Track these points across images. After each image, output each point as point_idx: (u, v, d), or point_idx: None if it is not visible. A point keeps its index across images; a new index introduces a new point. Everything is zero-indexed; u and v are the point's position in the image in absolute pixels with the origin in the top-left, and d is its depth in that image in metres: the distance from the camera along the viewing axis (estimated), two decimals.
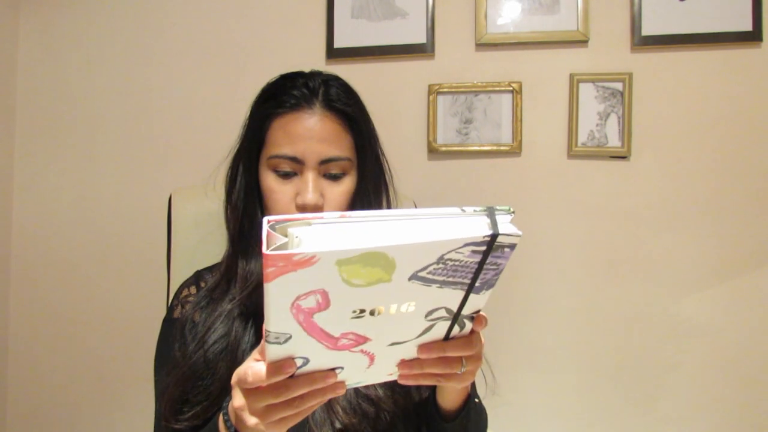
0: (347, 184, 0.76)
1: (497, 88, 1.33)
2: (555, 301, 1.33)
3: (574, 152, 1.31)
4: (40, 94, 1.50)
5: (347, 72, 1.36)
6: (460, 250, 0.43)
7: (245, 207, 0.79)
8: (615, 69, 1.30)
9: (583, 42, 1.31)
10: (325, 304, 0.43)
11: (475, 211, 0.43)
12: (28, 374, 1.50)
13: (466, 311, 0.51)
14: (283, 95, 0.76)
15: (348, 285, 0.42)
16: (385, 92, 1.37)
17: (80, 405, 1.49)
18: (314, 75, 0.80)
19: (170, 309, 0.84)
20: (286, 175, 0.75)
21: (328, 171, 0.75)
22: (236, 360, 0.73)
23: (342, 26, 1.38)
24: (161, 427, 0.75)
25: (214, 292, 0.79)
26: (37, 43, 1.51)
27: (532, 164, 1.34)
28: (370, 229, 0.40)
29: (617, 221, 1.31)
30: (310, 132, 0.73)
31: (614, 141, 1.30)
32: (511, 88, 1.33)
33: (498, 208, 0.44)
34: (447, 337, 0.54)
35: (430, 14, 1.35)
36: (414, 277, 0.43)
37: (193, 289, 0.83)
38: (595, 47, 1.31)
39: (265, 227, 0.39)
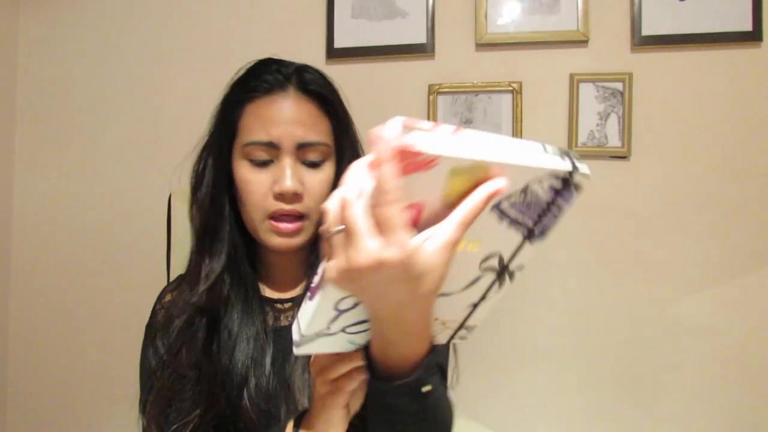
0: (327, 171, 0.72)
1: (497, 88, 1.33)
2: (554, 301, 1.33)
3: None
4: (40, 94, 1.50)
5: (347, 72, 1.37)
6: (543, 183, 0.45)
7: (212, 201, 0.74)
8: (615, 69, 1.30)
9: (583, 42, 1.31)
10: (416, 220, 0.42)
11: (554, 151, 0.45)
12: (28, 374, 1.51)
13: (513, 265, 0.52)
14: (255, 80, 0.73)
15: (443, 203, 0.42)
16: (385, 92, 1.37)
17: (80, 405, 1.49)
18: (287, 62, 0.77)
19: (152, 314, 0.81)
20: (262, 164, 0.70)
21: (306, 158, 0.70)
22: (194, 357, 0.70)
23: (342, 26, 1.38)
24: None
25: (183, 294, 0.75)
26: (37, 43, 1.51)
27: None
28: (481, 144, 0.41)
29: (617, 221, 1.31)
30: (285, 115, 0.70)
31: (614, 141, 1.30)
32: (511, 88, 1.33)
33: (573, 150, 0.46)
34: (483, 297, 0.53)
35: (430, 14, 1.35)
36: (496, 206, 0.44)
37: (176, 294, 0.82)
38: (595, 47, 1.31)
39: (399, 121, 0.39)
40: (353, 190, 0.41)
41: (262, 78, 0.73)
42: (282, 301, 0.78)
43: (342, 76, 0.84)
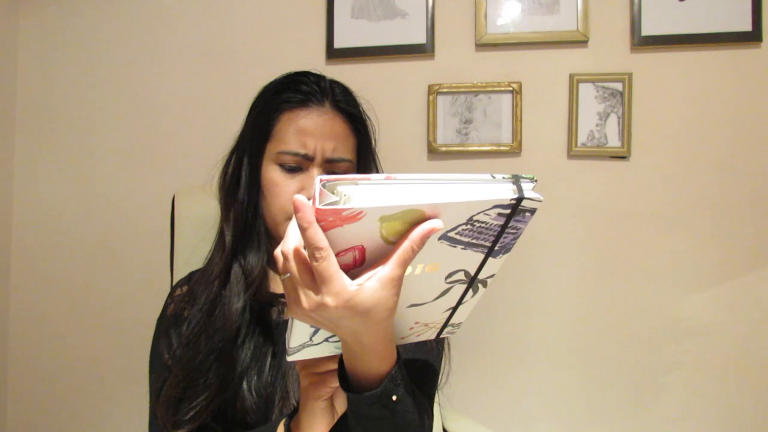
0: None
1: (497, 88, 1.34)
2: (555, 301, 1.33)
3: (574, 152, 1.31)
4: (40, 94, 1.50)
5: (347, 72, 1.37)
6: (488, 212, 0.46)
7: (249, 200, 0.78)
8: (615, 69, 1.30)
9: (583, 42, 1.31)
10: (360, 260, 0.46)
11: (503, 177, 0.47)
12: (28, 374, 1.51)
13: (482, 275, 0.54)
14: (292, 91, 0.76)
15: (385, 242, 0.45)
16: (385, 92, 1.37)
17: (80, 405, 1.49)
18: (322, 76, 0.80)
19: (164, 307, 0.84)
20: (291, 170, 0.75)
21: (332, 170, 0.76)
22: (238, 357, 0.73)
23: (342, 26, 1.38)
24: (157, 428, 0.74)
25: (206, 291, 0.78)
26: (37, 43, 1.51)
27: (532, 164, 1.34)
28: (411, 189, 0.44)
29: (617, 221, 1.31)
30: (320, 129, 0.74)
31: (614, 141, 1.30)
32: (511, 88, 1.33)
33: (523, 176, 0.47)
34: (460, 302, 0.57)
35: (430, 14, 1.35)
36: (444, 237, 0.47)
37: (185, 288, 0.83)
38: (595, 47, 1.31)
39: (318, 185, 0.42)
40: (294, 242, 0.46)
41: (300, 89, 0.76)
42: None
43: (342, 76, 0.85)
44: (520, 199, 0.46)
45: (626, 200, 1.31)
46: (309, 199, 0.70)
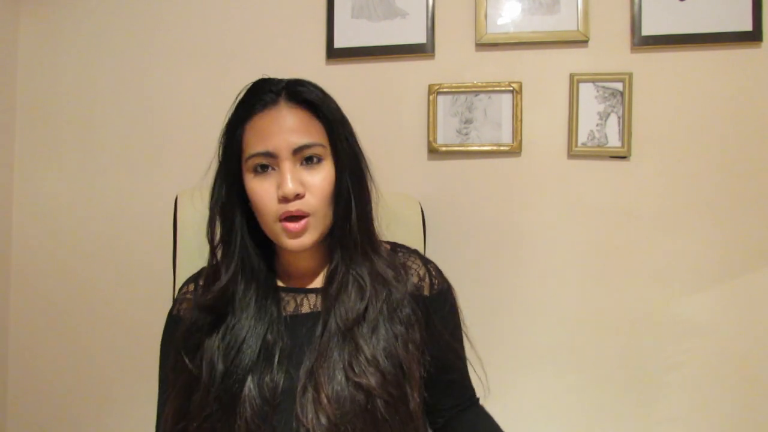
0: (326, 169, 0.77)
1: (497, 88, 1.34)
2: (554, 301, 1.33)
3: (574, 152, 1.31)
4: (40, 94, 1.50)
5: (347, 72, 1.38)
6: None
7: (223, 214, 0.81)
8: (615, 69, 1.30)
9: (583, 42, 1.31)
10: None
11: None
12: (28, 374, 1.50)
13: None
14: (251, 100, 0.78)
15: None
16: (385, 92, 1.37)
17: (81, 406, 1.49)
18: (278, 79, 0.81)
19: (173, 304, 0.87)
20: (264, 171, 0.76)
21: (303, 157, 0.76)
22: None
23: (342, 26, 1.38)
24: None
25: (196, 296, 0.81)
26: (37, 43, 1.51)
27: (532, 164, 1.34)
28: None
29: (617, 221, 1.31)
30: (277, 125, 0.75)
31: (614, 141, 1.30)
32: (511, 88, 1.33)
33: None
34: None
35: (430, 14, 1.35)
36: None
37: (191, 287, 0.85)
38: (595, 47, 1.31)
39: None
40: None
41: (258, 97, 0.78)
42: (302, 291, 0.83)
43: (342, 76, 0.85)
44: None
45: (626, 200, 1.31)
46: (284, 194, 0.73)
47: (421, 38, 1.36)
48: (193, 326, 0.78)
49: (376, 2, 1.37)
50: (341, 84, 0.81)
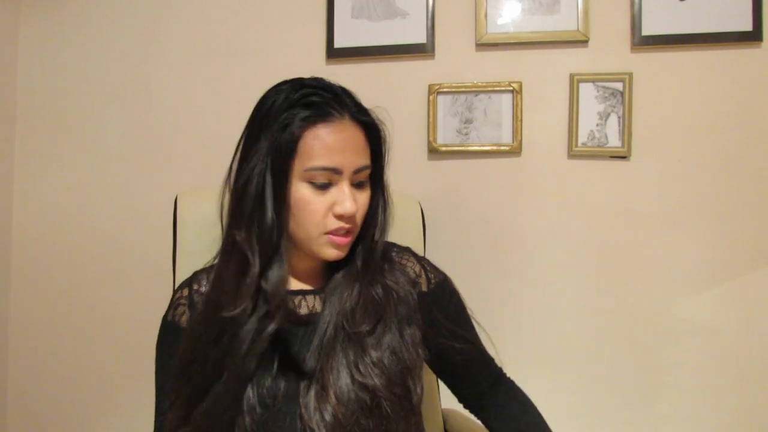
0: (368, 190, 0.80)
1: (497, 88, 1.33)
2: (554, 301, 1.33)
3: (574, 152, 1.31)
4: (40, 94, 1.50)
5: (347, 72, 1.38)
6: None
7: (278, 220, 0.75)
8: (615, 69, 1.30)
9: (583, 42, 1.31)
10: None
11: None
12: (28, 374, 1.50)
13: None
14: (310, 104, 0.74)
15: None
16: (385, 92, 1.37)
17: (81, 406, 1.49)
18: (331, 84, 0.79)
19: (167, 309, 0.84)
20: (323, 187, 0.75)
21: (358, 180, 0.77)
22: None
23: (342, 26, 1.38)
24: None
25: (219, 306, 0.75)
26: (37, 43, 1.51)
27: (532, 164, 1.34)
28: None
29: (617, 221, 1.31)
30: (346, 143, 0.75)
31: (614, 141, 1.30)
32: (511, 88, 1.33)
33: None
34: None
35: (430, 14, 1.35)
36: None
37: (185, 291, 0.83)
38: (595, 47, 1.31)
39: None
40: None
41: (317, 102, 0.75)
42: (299, 293, 0.82)
43: (342, 76, 0.84)
44: None
45: (626, 200, 1.31)
46: (345, 213, 0.74)
47: (421, 38, 1.36)
48: (196, 334, 0.75)
49: (376, 2, 1.37)
50: (341, 84, 0.80)
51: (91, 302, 1.48)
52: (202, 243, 0.96)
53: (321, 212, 0.75)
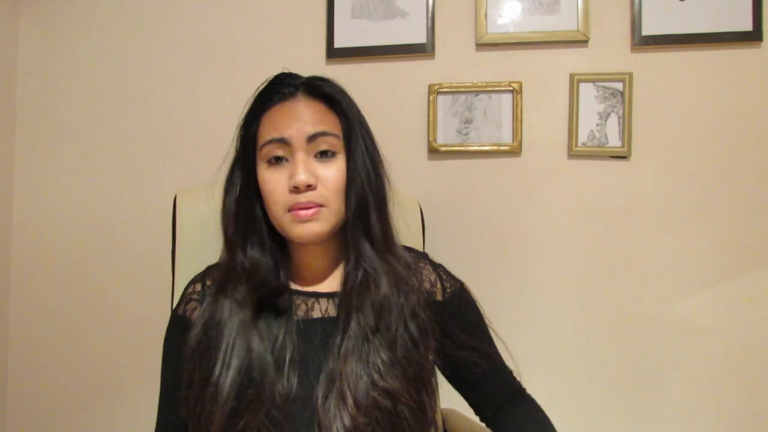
0: (339, 163, 0.76)
1: (497, 88, 1.33)
2: (555, 301, 1.33)
3: (574, 152, 1.31)
4: (40, 94, 1.50)
5: (347, 72, 1.37)
6: None
7: (241, 202, 0.79)
8: (615, 69, 1.30)
9: (583, 42, 1.31)
10: None
11: None
12: (28, 374, 1.50)
13: None
14: (269, 93, 0.78)
15: None
16: (385, 92, 1.37)
17: (81, 406, 1.49)
18: (299, 75, 0.81)
19: (178, 303, 0.84)
20: (278, 162, 0.75)
21: (318, 149, 0.75)
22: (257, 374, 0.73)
23: (342, 26, 1.38)
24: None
25: (216, 302, 0.77)
26: (37, 43, 1.51)
27: (532, 164, 1.34)
28: None
29: (617, 221, 1.31)
30: (294, 115, 0.75)
31: (614, 141, 1.30)
32: (511, 88, 1.33)
33: None
34: None
35: (430, 14, 1.35)
36: None
37: (197, 287, 0.82)
38: (595, 47, 1.31)
39: None
40: None
41: (276, 90, 0.78)
42: (313, 295, 0.81)
43: (342, 76, 0.84)
44: None
45: (626, 200, 1.31)
46: (296, 184, 0.72)
47: (421, 38, 1.36)
48: (206, 329, 0.75)
49: (376, 2, 1.37)
50: (341, 84, 0.80)
51: (91, 301, 1.48)
52: (201, 242, 0.96)
53: (279, 189, 0.74)
